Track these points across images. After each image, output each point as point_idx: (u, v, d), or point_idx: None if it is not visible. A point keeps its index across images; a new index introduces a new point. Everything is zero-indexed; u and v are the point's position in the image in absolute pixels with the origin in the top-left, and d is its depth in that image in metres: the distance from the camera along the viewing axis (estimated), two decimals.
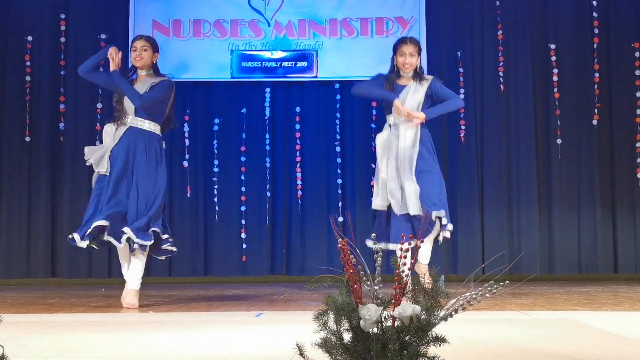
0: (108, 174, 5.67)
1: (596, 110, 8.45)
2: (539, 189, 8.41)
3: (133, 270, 5.65)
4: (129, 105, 5.76)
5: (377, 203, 5.90)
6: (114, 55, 5.85)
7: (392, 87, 5.94)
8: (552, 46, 8.57)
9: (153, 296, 6.44)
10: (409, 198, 5.66)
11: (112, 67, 5.83)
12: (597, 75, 8.49)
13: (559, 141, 8.41)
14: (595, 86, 8.47)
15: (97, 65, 6.08)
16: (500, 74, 8.51)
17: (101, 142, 5.93)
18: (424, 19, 8.53)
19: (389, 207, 5.82)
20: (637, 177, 8.39)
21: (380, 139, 5.99)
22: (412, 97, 5.89)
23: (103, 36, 8.63)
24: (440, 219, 5.65)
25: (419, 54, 5.95)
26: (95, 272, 8.42)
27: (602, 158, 8.46)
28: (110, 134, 5.81)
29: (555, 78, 8.53)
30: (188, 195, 8.47)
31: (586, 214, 8.38)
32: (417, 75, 5.96)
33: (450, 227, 5.71)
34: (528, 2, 8.65)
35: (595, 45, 8.53)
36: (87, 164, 5.87)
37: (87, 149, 5.86)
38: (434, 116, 5.97)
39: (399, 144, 5.83)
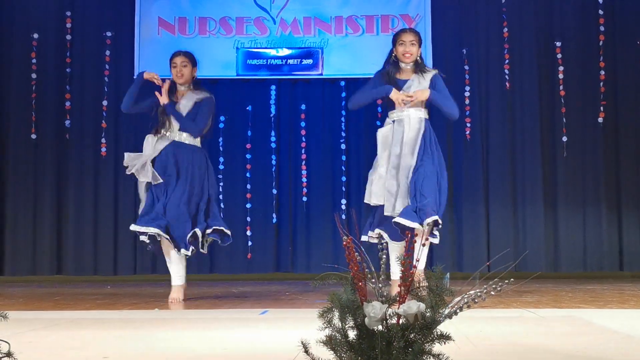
0: (154, 183, 5.80)
1: (602, 108, 8.42)
2: (544, 186, 8.39)
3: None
4: (175, 120, 5.85)
5: (373, 200, 5.72)
6: (160, 83, 5.89)
7: (394, 82, 5.69)
8: (558, 43, 8.55)
9: (158, 293, 6.44)
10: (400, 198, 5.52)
11: (164, 99, 5.85)
12: (602, 72, 8.46)
13: (564, 139, 8.39)
14: (601, 84, 8.44)
15: (138, 96, 6.04)
16: (506, 71, 8.49)
17: (107, 140, 5.97)
18: (429, 16, 8.52)
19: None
20: None
21: (382, 132, 5.79)
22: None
23: (109, 34, 8.63)
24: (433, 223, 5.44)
25: (420, 45, 5.71)
26: (101, 268, 8.42)
27: (607, 156, 8.44)
28: (151, 144, 5.87)
29: (560, 75, 8.51)
30: None
31: (592, 211, 8.37)
32: (419, 66, 5.73)
33: (437, 238, 5.60)
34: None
35: (601, 43, 8.50)
36: (127, 172, 5.92)
37: (127, 156, 5.92)
38: (434, 100, 5.69)
39: (403, 138, 5.60)
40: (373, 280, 2.40)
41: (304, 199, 8.51)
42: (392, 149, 5.65)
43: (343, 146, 8.54)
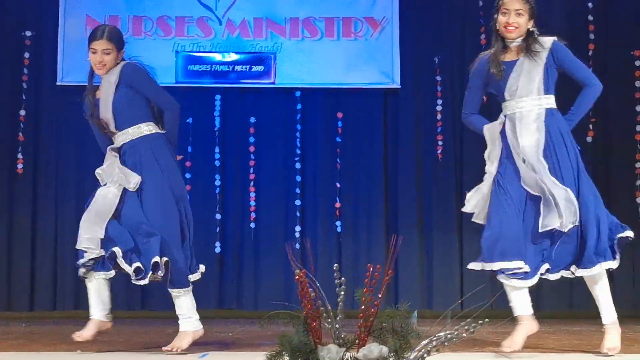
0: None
1: (591, 126, 8.51)
2: None
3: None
4: (108, 121, 5.21)
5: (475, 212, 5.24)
6: None
7: (499, 67, 5.01)
8: None
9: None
10: (561, 206, 4.82)
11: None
12: None
13: None
14: None
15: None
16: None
17: (24, 156, 5.74)
18: (397, 20, 8.58)
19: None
20: (636, 201, 8.46)
21: (489, 128, 5.14)
22: (527, 79, 4.96)
23: (28, 33, 8.56)
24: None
25: (532, 17, 4.95)
26: (15, 303, 8.31)
27: (597, 179, 8.42)
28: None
29: None
30: None
31: None
32: (530, 42, 4.97)
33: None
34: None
35: (590, 52, 8.61)
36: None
37: (101, 172, 5.23)
38: (576, 122, 5.25)
39: (517, 142, 4.94)
40: (329, 319, 2.40)
41: (252, 225, 8.48)
42: (503, 152, 5.05)
43: (298, 165, 8.54)
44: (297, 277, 2.39)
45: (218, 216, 8.46)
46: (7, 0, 8.63)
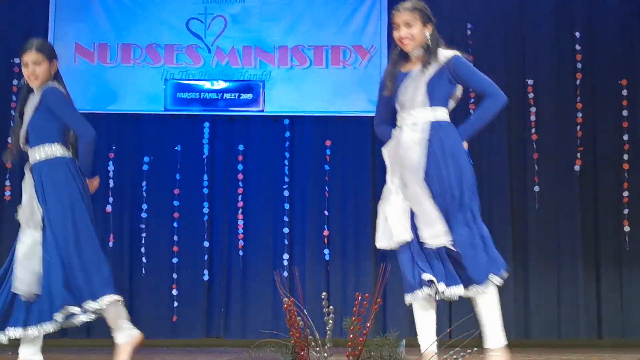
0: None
1: (578, 155, 8.53)
2: (513, 242, 8.43)
3: None
4: (22, 137, 5.27)
5: (395, 238, 4.75)
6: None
7: (388, 81, 4.72)
8: (530, 81, 8.67)
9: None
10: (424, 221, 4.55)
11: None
12: (579, 115, 8.58)
13: (536, 188, 8.47)
14: (578, 127, 8.56)
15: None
16: (471, 111, 8.58)
17: (11, 183, 5.66)
18: (385, 48, 8.59)
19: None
20: (624, 230, 8.46)
21: (386, 150, 4.79)
22: (413, 90, 4.66)
23: (17, 60, 8.55)
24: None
25: (426, 23, 4.64)
26: None
27: (584, 208, 8.53)
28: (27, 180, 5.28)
29: (532, 117, 8.61)
30: (110, 244, 8.37)
31: (567, 270, 8.42)
32: (429, 53, 4.66)
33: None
34: (503, 31, 8.75)
35: (578, 82, 8.64)
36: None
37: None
38: (473, 132, 4.98)
39: (402, 158, 4.62)
40: (317, 348, 2.39)
41: (240, 253, 8.46)
42: (398, 169, 4.67)
43: (286, 193, 8.54)
44: (285, 306, 2.38)
45: (206, 244, 8.44)
46: None
